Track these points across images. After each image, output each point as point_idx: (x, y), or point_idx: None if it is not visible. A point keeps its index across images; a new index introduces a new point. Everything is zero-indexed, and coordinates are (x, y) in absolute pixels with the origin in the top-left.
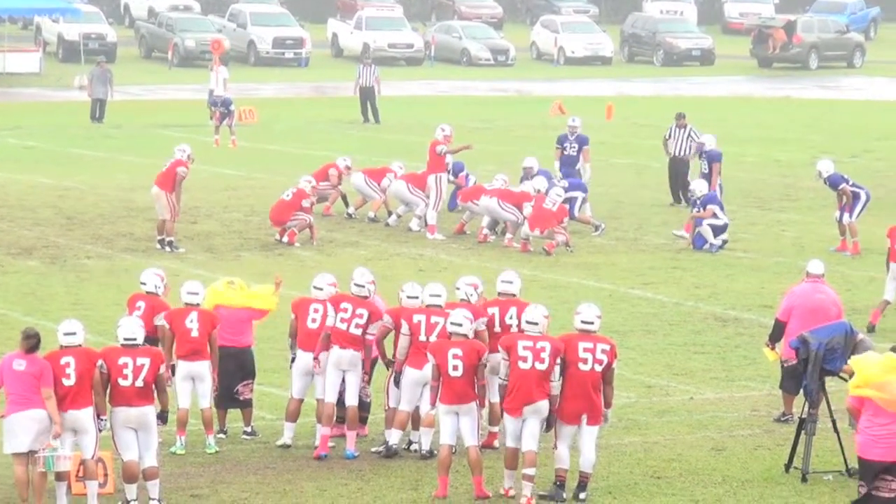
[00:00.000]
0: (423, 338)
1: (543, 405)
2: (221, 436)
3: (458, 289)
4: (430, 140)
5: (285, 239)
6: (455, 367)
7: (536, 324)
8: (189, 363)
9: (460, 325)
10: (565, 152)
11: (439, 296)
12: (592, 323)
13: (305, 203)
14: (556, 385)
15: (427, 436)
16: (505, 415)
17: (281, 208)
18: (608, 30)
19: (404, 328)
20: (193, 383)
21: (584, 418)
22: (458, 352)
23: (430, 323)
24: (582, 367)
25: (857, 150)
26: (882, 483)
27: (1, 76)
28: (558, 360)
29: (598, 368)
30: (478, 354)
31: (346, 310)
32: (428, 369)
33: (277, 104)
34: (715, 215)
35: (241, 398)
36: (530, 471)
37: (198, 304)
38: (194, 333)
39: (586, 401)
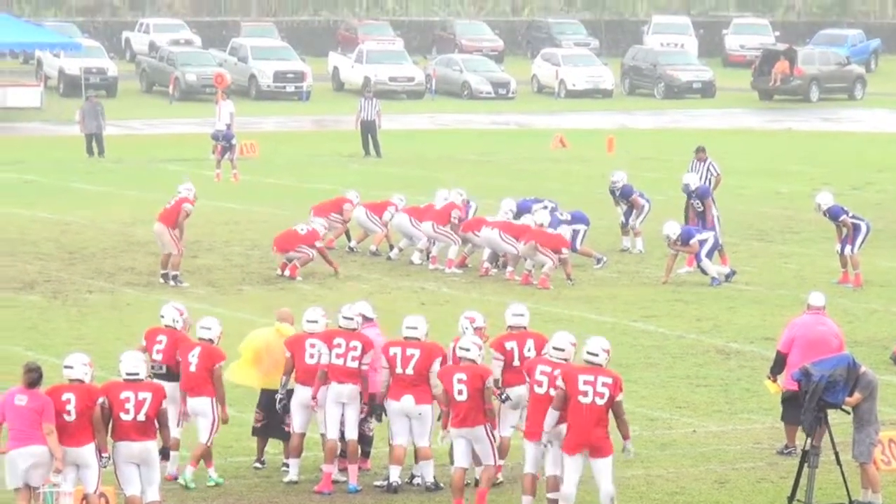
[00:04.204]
0: (399, 370)
1: (562, 429)
2: (259, 466)
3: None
4: (449, 202)
5: (287, 273)
6: (460, 392)
7: (562, 350)
8: (190, 398)
9: (468, 349)
10: (618, 206)
11: (416, 328)
12: (597, 355)
13: (319, 244)
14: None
15: (428, 468)
16: (525, 441)
17: (289, 237)
18: (609, 62)
19: (382, 361)
20: (196, 418)
21: (587, 452)
22: (463, 376)
23: (405, 355)
24: (582, 399)
25: (858, 182)
26: None
27: (2, 111)
28: (559, 386)
29: (600, 402)
30: (482, 378)
31: (339, 345)
32: (406, 401)
33: (279, 138)
34: (701, 243)
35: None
36: (554, 495)
37: (210, 340)
38: (192, 369)
39: (586, 434)
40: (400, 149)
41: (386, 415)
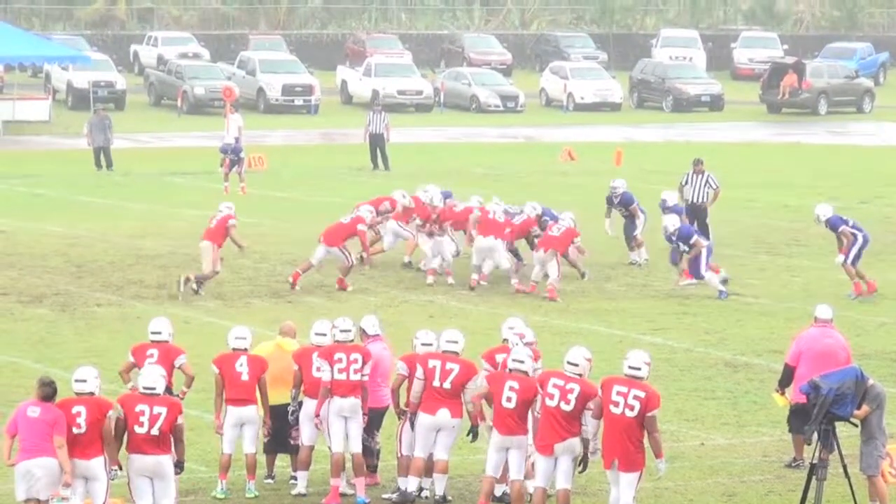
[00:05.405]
0: (436, 383)
1: (574, 442)
2: (270, 481)
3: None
4: (465, 207)
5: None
6: (509, 399)
7: (576, 365)
8: (239, 408)
9: (522, 361)
10: (615, 212)
11: (456, 342)
12: (639, 369)
13: (361, 227)
14: (585, 429)
15: (442, 482)
16: (536, 454)
17: (336, 230)
18: (617, 76)
19: (419, 372)
20: (241, 428)
21: (616, 463)
22: (515, 385)
23: (444, 369)
24: (613, 409)
25: (866, 195)
26: None
27: (11, 124)
28: (590, 406)
29: (630, 414)
30: (533, 392)
31: (340, 360)
32: (442, 414)
33: (287, 151)
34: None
35: (294, 442)
36: None
37: (245, 349)
38: (244, 378)
39: (618, 445)
40: (408, 162)
41: (399, 417)
